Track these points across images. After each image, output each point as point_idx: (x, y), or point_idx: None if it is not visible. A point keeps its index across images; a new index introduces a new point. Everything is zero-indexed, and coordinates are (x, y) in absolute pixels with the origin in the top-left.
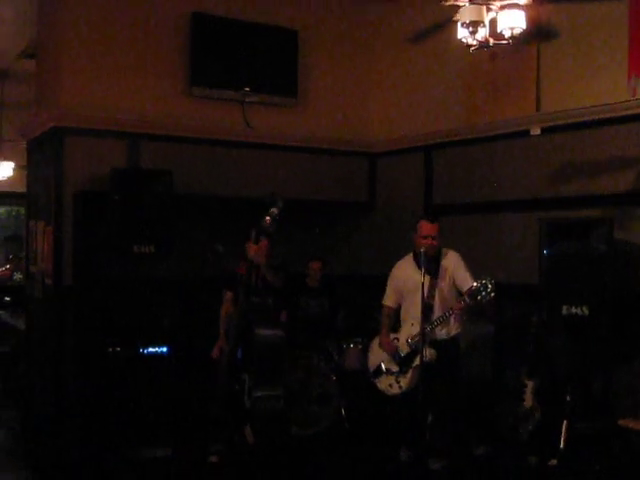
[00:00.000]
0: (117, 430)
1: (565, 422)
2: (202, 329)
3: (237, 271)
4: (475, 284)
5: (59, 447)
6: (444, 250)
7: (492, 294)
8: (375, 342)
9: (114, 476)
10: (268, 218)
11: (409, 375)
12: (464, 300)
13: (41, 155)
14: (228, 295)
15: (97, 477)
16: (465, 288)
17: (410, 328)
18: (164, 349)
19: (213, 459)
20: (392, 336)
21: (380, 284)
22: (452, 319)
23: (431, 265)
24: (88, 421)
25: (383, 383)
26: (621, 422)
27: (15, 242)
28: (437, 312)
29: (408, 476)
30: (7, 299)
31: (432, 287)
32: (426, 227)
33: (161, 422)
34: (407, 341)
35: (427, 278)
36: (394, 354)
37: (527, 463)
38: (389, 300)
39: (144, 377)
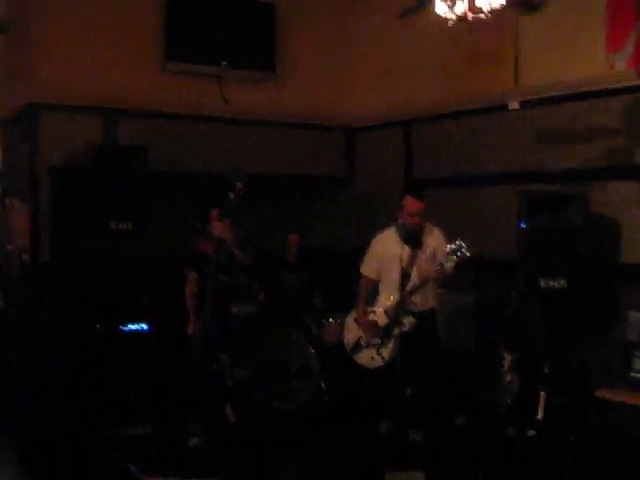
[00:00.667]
0: (96, 408)
1: (543, 394)
2: (180, 306)
3: (198, 249)
4: (450, 245)
5: (37, 425)
6: (429, 226)
7: (468, 253)
8: (350, 318)
9: (93, 454)
10: (232, 194)
11: (390, 345)
12: (441, 264)
13: (16, 132)
14: (192, 275)
15: (76, 455)
16: None
17: (387, 300)
18: (143, 326)
19: (193, 442)
20: (369, 309)
21: (359, 259)
22: (429, 288)
23: (413, 238)
24: (66, 398)
25: (364, 357)
26: (597, 394)
27: None
28: (413, 281)
29: (388, 448)
30: None
31: (411, 257)
32: (413, 205)
33: (141, 400)
34: (385, 312)
35: (407, 249)
36: (373, 330)
37: (506, 434)
38: (368, 270)
39: (123, 354)
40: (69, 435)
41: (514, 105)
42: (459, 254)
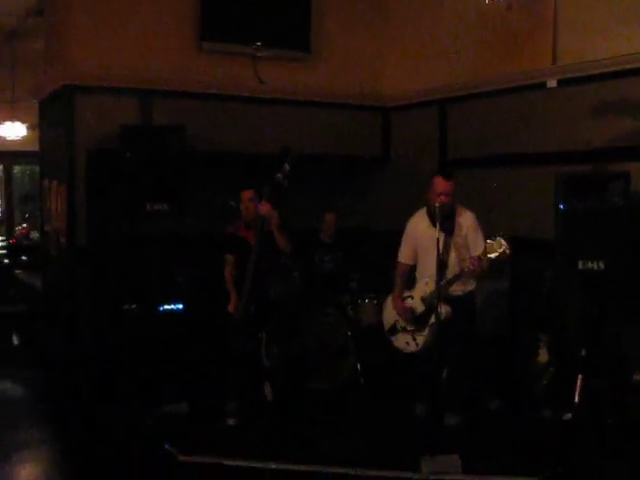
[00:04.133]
0: (133, 387)
1: (580, 376)
2: (216, 286)
3: (237, 234)
4: (489, 241)
5: (79, 404)
6: (460, 208)
7: (507, 251)
8: (389, 299)
9: (136, 431)
10: (280, 175)
11: (426, 333)
12: (479, 258)
13: (53, 114)
14: (229, 259)
15: (113, 433)
16: (476, 251)
17: (424, 286)
18: (179, 306)
19: (231, 422)
20: (406, 294)
21: (395, 239)
22: (467, 276)
23: (445, 222)
24: (104, 378)
25: (399, 341)
26: (636, 377)
27: (31, 201)
28: (451, 269)
29: (423, 430)
30: (24, 258)
31: (447, 244)
32: (441, 184)
33: (177, 379)
34: (422, 299)
35: (442, 235)
36: (407, 316)
37: (541, 417)
38: (404, 257)
39: (159, 334)
40: (107, 414)
41: (552, 83)
42: (499, 251)
